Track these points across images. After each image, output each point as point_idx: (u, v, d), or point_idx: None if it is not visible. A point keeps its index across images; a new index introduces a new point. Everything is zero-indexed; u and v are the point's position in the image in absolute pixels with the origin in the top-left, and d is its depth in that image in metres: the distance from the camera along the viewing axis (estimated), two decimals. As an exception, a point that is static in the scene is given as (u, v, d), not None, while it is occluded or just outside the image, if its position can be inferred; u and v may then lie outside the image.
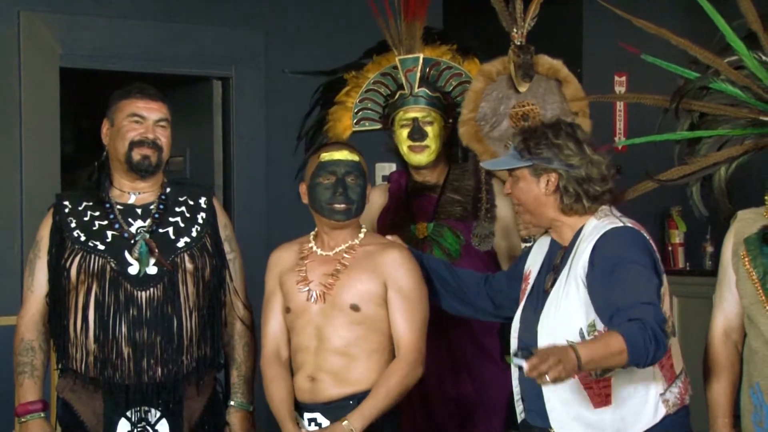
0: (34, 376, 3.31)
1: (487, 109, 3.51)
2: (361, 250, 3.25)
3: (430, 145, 3.63)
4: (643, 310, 2.74)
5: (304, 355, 3.25)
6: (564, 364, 2.57)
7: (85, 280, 3.27)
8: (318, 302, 3.22)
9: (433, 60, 3.73)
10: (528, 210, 3.01)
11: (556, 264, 2.99)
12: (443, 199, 3.67)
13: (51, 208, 3.38)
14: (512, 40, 3.49)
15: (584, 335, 2.84)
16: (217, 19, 5.28)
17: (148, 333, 3.25)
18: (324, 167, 3.23)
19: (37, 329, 3.33)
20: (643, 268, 2.84)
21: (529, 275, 3.09)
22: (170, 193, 3.40)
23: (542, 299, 2.97)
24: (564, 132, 2.97)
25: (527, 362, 2.58)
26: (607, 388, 2.86)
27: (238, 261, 3.47)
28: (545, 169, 2.95)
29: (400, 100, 3.68)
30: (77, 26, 5.00)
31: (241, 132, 5.37)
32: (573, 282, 2.89)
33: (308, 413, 3.24)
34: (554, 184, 2.95)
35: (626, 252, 2.86)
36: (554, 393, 2.88)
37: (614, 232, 2.91)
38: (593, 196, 2.95)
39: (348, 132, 3.84)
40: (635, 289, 2.79)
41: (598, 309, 2.84)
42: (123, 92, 3.39)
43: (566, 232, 3.00)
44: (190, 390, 3.31)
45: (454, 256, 3.60)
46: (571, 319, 2.87)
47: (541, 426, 2.97)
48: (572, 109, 3.49)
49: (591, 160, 2.95)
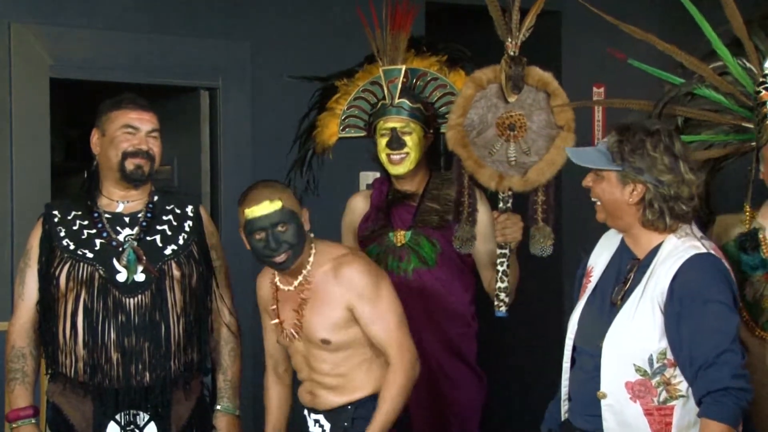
0: (25, 382, 3.34)
1: (474, 116, 3.52)
2: (318, 277, 3.26)
3: (409, 154, 3.66)
4: (726, 362, 2.70)
5: (301, 375, 3.38)
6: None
7: (74, 288, 3.29)
8: (295, 339, 3.31)
9: (419, 71, 3.77)
10: (606, 209, 2.89)
11: (627, 277, 2.87)
12: (422, 207, 3.70)
13: (40, 218, 3.40)
14: (506, 50, 3.50)
15: (653, 362, 2.77)
16: (204, 30, 5.30)
17: (136, 339, 3.28)
18: (251, 225, 3.21)
19: (28, 336, 3.36)
20: (725, 307, 2.75)
21: (591, 272, 2.98)
22: (158, 201, 3.43)
23: (609, 311, 2.86)
24: (663, 144, 2.82)
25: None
26: (668, 417, 2.77)
27: (224, 268, 3.50)
28: (634, 179, 2.82)
29: (381, 109, 3.71)
30: (67, 38, 4.99)
31: (227, 141, 5.36)
32: (649, 304, 2.79)
33: (314, 414, 3.35)
34: (639, 195, 2.82)
35: (709, 288, 2.75)
36: (613, 414, 2.80)
37: (698, 261, 2.78)
38: (677, 215, 2.82)
39: (334, 138, 3.88)
40: (714, 332, 2.72)
41: (672, 341, 2.76)
42: (114, 103, 3.40)
43: (642, 244, 2.87)
44: (178, 394, 3.34)
45: (430, 264, 3.65)
46: (643, 343, 2.78)
47: (589, 430, 2.88)
48: (558, 122, 3.49)
49: (683, 179, 2.81)
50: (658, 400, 2.77)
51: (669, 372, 2.78)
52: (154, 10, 5.21)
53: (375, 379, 3.28)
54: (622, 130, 2.86)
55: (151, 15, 5.20)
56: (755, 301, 2.95)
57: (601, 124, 6.24)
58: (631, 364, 2.78)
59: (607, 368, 2.81)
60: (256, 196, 3.24)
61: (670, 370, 2.78)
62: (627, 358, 2.78)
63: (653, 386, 2.78)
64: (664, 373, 2.78)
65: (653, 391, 2.78)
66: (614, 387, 2.80)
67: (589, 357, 2.87)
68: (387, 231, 3.70)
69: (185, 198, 3.54)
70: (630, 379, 2.79)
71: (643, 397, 2.78)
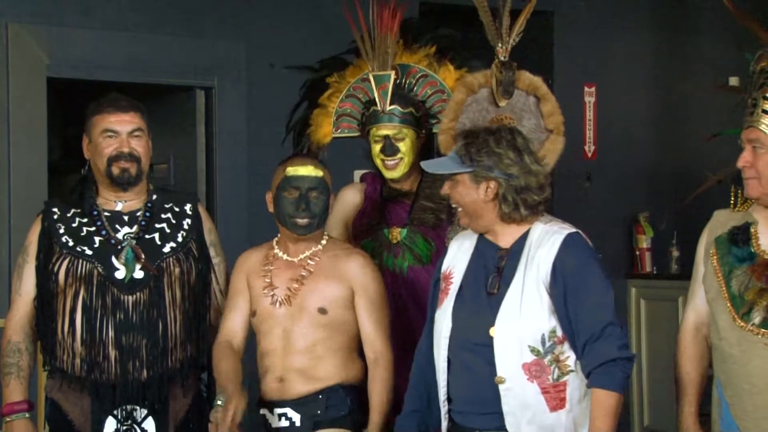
0: (20, 377, 3.33)
1: (466, 120, 3.54)
2: (325, 256, 3.36)
3: (403, 158, 3.68)
4: (611, 334, 2.88)
5: (272, 358, 3.34)
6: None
7: (72, 284, 3.30)
8: (283, 305, 3.32)
9: (409, 67, 3.77)
10: (467, 213, 3.02)
11: (499, 266, 3.00)
12: (416, 206, 3.71)
13: (40, 215, 3.41)
14: (496, 55, 3.53)
15: (545, 341, 2.91)
16: (200, 31, 5.33)
17: (134, 336, 3.29)
18: (288, 181, 3.32)
19: (24, 332, 3.36)
20: (604, 282, 2.94)
21: (450, 274, 3.08)
22: (156, 200, 3.44)
23: (488, 301, 2.97)
24: (505, 140, 2.98)
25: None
26: (562, 392, 2.92)
27: (223, 265, 3.51)
28: (485, 176, 2.97)
29: (373, 116, 3.71)
30: (64, 37, 5.02)
31: (223, 140, 5.40)
32: (533, 288, 2.94)
33: (278, 408, 3.33)
34: (493, 191, 2.97)
35: (587, 265, 2.94)
36: (513, 398, 2.91)
37: (572, 240, 2.96)
38: (530, 206, 2.98)
39: (328, 138, 3.88)
40: (598, 307, 2.90)
41: (561, 319, 2.92)
42: (95, 107, 3.39)
43: (506, 237, 3.02)
44: (175, 390, 3.36)
45: (425, 261, 3.66)
46: (533, 325, 2.92)
47: (480, 428, 2.98)
48: (548, 126, 3.53)
49: (530, 169, 2.97)
50: (553, 378, 2.91)
51: (558, 349, 2.92)
52: (151, 10, 5.25)
53: (345, 371, 3.34)
54: (467, 134, 3.04)
55: (148, 15, 5.23)
56: (739, 293, 2.98)
57: (592, 123, 6.30)
58: (526, 345, 2.91)
59: (502, 353, 2.92)
60: (303, 160, 3.39)
61: (559, 347, 2.92)
62: (522, 340, 2.91)
63: (546, 365, 2.91)
64: (554, 351, 2.92)
65: (547, 369, 2.91)
66: (511, 371, 2.91)
67: (476, 349, 2.95)
68: (382, 227, 3.72)
69: (184, 196, 3.54)
70: (527, 360, 2.91)
71: (539, 377, 2.91)
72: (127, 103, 3.38)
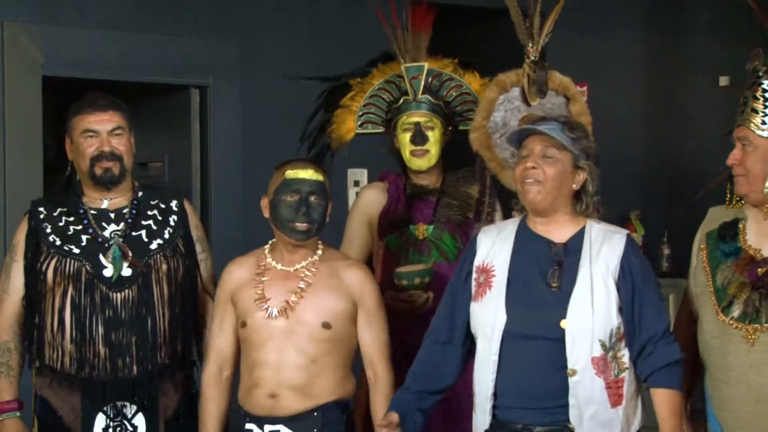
0: (10, 376, 3.34)
1: (498, 119, 3.57)
2: (323, 267, 3.24)
3: (430, 150, 3.69)
4: (671, 336, 2.98)
5: (263, 371, 3.19)
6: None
7: (61, 283, 3.31)
8: (280, 318, 3.19)
9: (435, 71, 3.80)
10: (550, 192, 2.98)
11: (560, 260, 2.98)
12: (442, 202, 3.72)
13: (26, 214, 3.42)
14: (527, 54, 3.56)
15: (612, 336, 2.93)
16: (194, 29, 5.35)
17: (123, 333, 3.30)
18: (288, 185, 3.21)
19: (13, 330, 3.37)
20: (659, 286, 3.02)
21: (490, 267, 3.03)
22: (142, 197, 3.44)
23: (554, 295, 2.95)
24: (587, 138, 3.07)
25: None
26: (621, 388, 2.95)
27: (209, 261, 3.52)
28: (579, 166, 2.99)
29: (404, 104, 3.75)
30: (59, 36, 5.03)
31: (218, 139, 5.41)
32: (602, 283, 2.94)
33: (270, 425, 3.20)
34: (581, 183, 3.00)
35: (648, 267, 3.02)
36: (582, 390, 2.90)
37: (632, 242, 3.02)
38: (594, 205, 3.02)
39: (351, 134, 3.90)
40: (660, 309, 2.99)
41: (626, 315, 2.95)
42: (75, 108, 3.38)
43: (563, 232, 3.01)
44: (165, 386, 3.37)
45: (451, 259, 3.64)
46: (604, 320, 2.93)
47: (533, 422, 2.95)
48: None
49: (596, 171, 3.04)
50: (614, 374, 2.94)
51: (618, 346, 2.95)
52: (146, 10, 5.27)
53: (341, 388, 3.24)
54: (568, 121, 3.07)
55: (143, 14, 5.26)
56: (723, 287, 3.03)
57: (587, 123, 6.31)
58: (597, 339, 2.92)
59: (574, 346, 2.91)
60: (303, 163, 3.27)
61: (619, 344, 2.95)
62: (594, 334, 2.92)
63: (609, 360, 2.93)
64: (615, 348, 2.95)
65: (610, 365, 2.94)
66: (582, 364, 2.91)
67: (538, 342, 2.93)
68: (408, 224, 3.72)
69: (170, 193, 3.54)
70: (596, 354, 2.92)
71: (604, 372, 2.93)
72: (105, 102, 3.38)
